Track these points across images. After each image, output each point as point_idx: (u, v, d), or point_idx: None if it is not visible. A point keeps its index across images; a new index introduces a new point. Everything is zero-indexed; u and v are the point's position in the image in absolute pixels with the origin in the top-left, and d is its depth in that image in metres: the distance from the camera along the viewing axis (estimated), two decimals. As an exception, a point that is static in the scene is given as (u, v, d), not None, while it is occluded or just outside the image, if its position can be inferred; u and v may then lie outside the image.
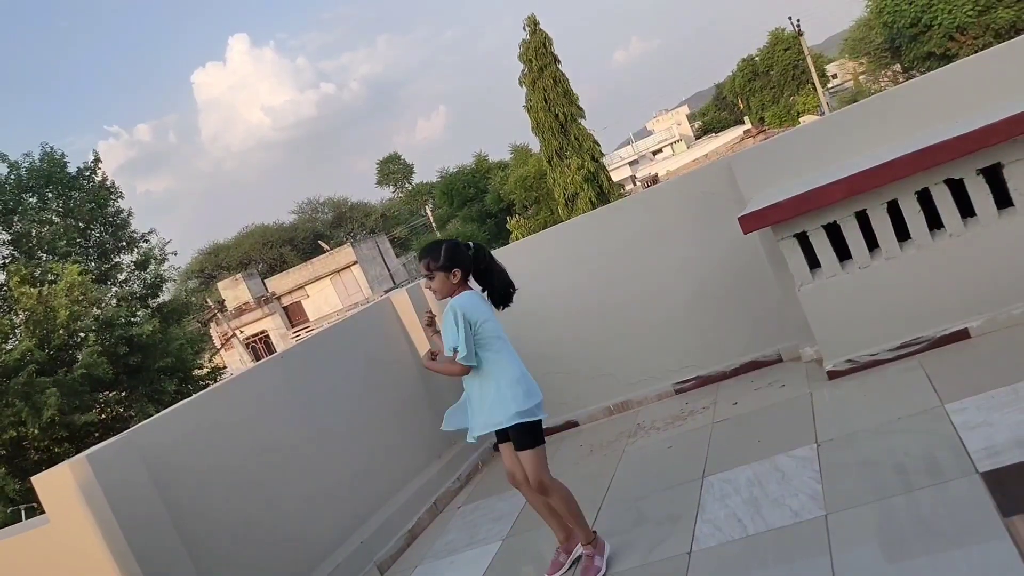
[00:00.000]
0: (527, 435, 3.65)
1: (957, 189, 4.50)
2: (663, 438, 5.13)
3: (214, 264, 62.88)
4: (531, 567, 4.23)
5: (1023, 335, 4.30)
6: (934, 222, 4.59)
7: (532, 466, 3.66)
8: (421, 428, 5.95)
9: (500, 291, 3.76)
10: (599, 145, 41.24)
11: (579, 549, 3.82)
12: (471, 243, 3.81)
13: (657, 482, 4.51)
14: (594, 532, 3.82)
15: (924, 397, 4.08)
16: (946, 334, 4.58)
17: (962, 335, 4.55)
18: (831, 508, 3.43)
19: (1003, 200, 4.47)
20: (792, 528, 3.42)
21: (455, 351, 3.55)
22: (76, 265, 16.95)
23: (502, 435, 3.77)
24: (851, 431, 4.10)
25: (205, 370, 22.04)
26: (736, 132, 64.64)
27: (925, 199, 4.56)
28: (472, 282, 3.76)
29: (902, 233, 4.64)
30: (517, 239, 28.68)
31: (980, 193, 4.44)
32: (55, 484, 3.72)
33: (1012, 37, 5.41)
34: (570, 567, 3.85)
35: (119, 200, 21.52)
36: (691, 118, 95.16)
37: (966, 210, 4.54)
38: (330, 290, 50.02)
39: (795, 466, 3.94)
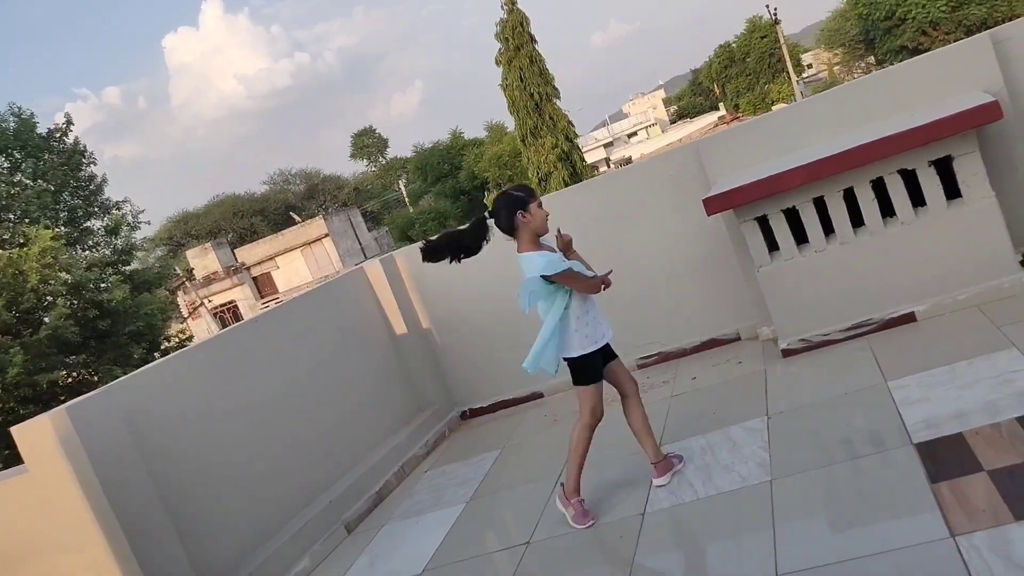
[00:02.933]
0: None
1: (910, 179, 4.72)
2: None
3: (183, 232, 62.28)
4: (493, 527, 4.43)
5: (965, 319, 4.56)
6: (887, 210, 4.82)
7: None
8: (391, 395, 6.12)
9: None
10: (573, 125, 41.42)
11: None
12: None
13: (617, 450, 4.71)
14: None
15: (870, 375, 4.32)
16: (894, 317, 4.82)
17: (909, 318, 4.80)
18: (776, 474, 3.66)
19: (952, 191, 4.70)
20: (739, 492, 3.65)
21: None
22: (48, 230, 16.82)
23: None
24: (800, 405, 4.34)
25: (173, 342, 21.97)
26: (711, 118, 65.04)
27: (880, 188, 4.78)
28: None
29: (857, 219, 4.87)
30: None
31: (931, 184, 4.67)
32: (35, 435, 3.83)
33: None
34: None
35: (92, 165, 21.33)
36: (667, 102, 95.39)
37: (917, 199, 4.76)
38: (300, 262, 49.81)
39: (746, 436, 4.17)
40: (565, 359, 3.93)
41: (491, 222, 3.95)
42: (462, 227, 4.01)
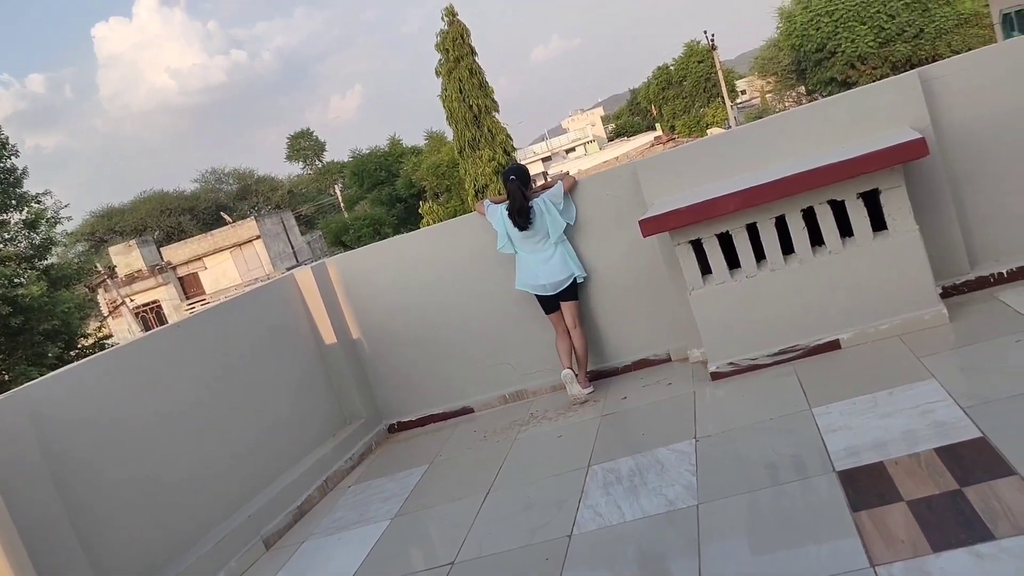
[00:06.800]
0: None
1: (839, 210, 4.83)
2: (554, 428, 5.32)
3: (106, 228, 60.28)
4: (418, 546, 4.35)
5: (887, 349, 4.67)
6: (816, 239, 4.92)
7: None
8: (316, 406, 5.98)
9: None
10: (511, 139, 41.54)
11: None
12: (510, 168, 5.83)
13: (545, 469, 4.69)
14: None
15: (795, 400, 4.39)
16: (820, 343, 4.92)
17: (834, 345, 4.90)
18: (703, 499, 3.67)
19: (879, 223, 4.83)
20: (666, 515, 3.65)
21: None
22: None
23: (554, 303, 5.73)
24: (727, 428, 4.38)
25: (91, 339, 21.23)
26: (647, 138, 65.86)
27: (810, 217, 4.87)
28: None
29: (787, 247, 4.96)
30: (429, 224, 28.64)
31: (859, 215, 4.79)
32: (-68, 441, 3.61)
33: (907, 70, 5.86)
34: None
35: (13, 157, 20.47)
36: (605, 120, 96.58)
37: (846, 230, 4.87)
38: (230, 264, 48.68)
39: (674, 459, 4.18)
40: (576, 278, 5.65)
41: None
42: (516, 190, 5.63)
